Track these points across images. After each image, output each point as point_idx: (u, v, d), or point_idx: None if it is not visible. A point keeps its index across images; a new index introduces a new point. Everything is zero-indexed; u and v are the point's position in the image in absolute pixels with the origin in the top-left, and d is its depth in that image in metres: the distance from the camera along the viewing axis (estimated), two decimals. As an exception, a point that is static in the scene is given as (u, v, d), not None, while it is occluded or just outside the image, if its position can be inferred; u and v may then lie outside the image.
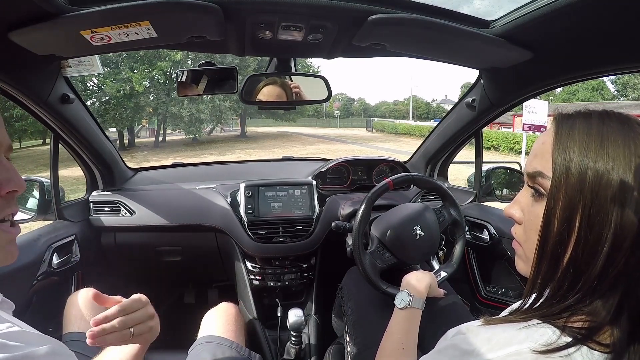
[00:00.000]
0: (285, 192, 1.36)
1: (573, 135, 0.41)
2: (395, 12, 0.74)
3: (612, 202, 0.38)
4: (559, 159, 0.41)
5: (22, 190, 0.49)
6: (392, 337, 0.80)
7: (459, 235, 1.11)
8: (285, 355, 1.20)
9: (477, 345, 0.42)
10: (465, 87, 2.72)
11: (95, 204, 1.37)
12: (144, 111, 17.03)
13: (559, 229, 0.40)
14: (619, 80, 33.67)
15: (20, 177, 0.49)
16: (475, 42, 0.82)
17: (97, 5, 0.66)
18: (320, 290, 1.44)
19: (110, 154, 1.38)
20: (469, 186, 1.63)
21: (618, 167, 0.38)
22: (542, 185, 0.43)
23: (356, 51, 0.94)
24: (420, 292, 0.85)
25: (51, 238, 1.13)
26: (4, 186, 0.47)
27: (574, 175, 0.40)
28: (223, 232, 1.35)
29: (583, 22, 0.68)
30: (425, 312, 0.85)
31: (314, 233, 1.34)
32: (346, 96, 70.52)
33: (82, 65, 1.02)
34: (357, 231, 0.99)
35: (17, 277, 0.99)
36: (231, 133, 26.74)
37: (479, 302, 1.40)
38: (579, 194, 0.39)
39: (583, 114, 0.43)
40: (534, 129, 7.42)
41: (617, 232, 0.38)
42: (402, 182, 1.07)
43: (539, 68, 0.90)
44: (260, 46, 0.92)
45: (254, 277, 1.36)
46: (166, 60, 15.07)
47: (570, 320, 0.40)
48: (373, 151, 14.11)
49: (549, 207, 0.41)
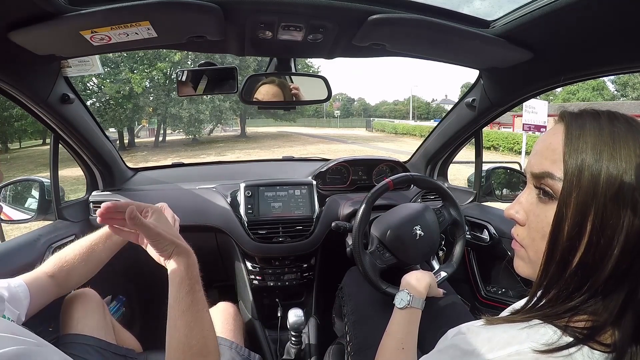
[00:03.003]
0: (285, 192, 1.36)
1: (584, 136, 0.40)
2: (395, 12, 0.74)
3: (624, 206, 0.37)
4: (571, 160, 0.39)
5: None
6: (392, 337, 0.80)
7: (459, 235, 1.11)
8: (285, 355, 1.20)
9: (477, 345, 0.42)
10: (465, 87, 2.72)
11: (95, 204, 1.37)
12: (144, 111, 17.03)
13: (570, 233, 0.39)
14: (619, 80, 33.66)
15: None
16: (475, 42, 0.82)
17: (97, 5, 0.66)
18: (320, 290, 1.44)
19: (110, 154, 1.38)
20: (469, 186, 1.63)
21: (630, 169, 0.37)
22: (551, 186, 0.42)
23: (356, 51, 0.94)
24: (419, 292, 0.85)
25: (51, 238, 1.13)
26: None
27: (587, 177, 0.38)
28: (223, 232, 1.35)
29: (583, 22, 0.68)
30: (425, 312, 0.85)
31: (314, 233, 1.34)
32: (346, 96, 70.54)
33: (82, 65, 1.02)
34: (357, 231, 0.99)
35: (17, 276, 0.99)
36: (231, 133, 26.74)
37: (479, 302, 1.39)
38: (592, 197, 0.38)
39: (591, 114, 0.42)
40: (534, 129, 7.42)
41: (628, 236, 0.37)
42: (402, 182, 1.07)
43: (539, 68, 0.90)
44: (260, 46, 0.92)
45: (254, 277, 1.36)
46: (166, 61, 15.08)
47: (572, 320, 0.40)
48: (373, 151, 14.11)
49: (560, 210, 0.40)
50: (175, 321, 0.56)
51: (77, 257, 0.83)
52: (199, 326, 0.57)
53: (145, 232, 0.57)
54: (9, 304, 0.69)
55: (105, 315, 0.91)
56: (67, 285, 0.84)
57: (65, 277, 0.82)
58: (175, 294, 0.57)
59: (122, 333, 0.98)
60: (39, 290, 0.77)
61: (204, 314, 0.59)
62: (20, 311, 0.72)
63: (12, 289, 0.73)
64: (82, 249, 0.84)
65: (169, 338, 0.56)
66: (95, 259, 0.85)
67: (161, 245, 0.58)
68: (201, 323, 0.57)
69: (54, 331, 0.89)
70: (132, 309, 1.51)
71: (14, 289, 0.73)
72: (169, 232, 0.60)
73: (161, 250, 0.59)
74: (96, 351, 0.81)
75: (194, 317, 0.57)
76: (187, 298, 0.57)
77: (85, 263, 0.83)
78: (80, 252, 0.83)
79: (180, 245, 0.60)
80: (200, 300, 0.59)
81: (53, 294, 0.82)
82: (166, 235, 0.58)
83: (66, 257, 0.83)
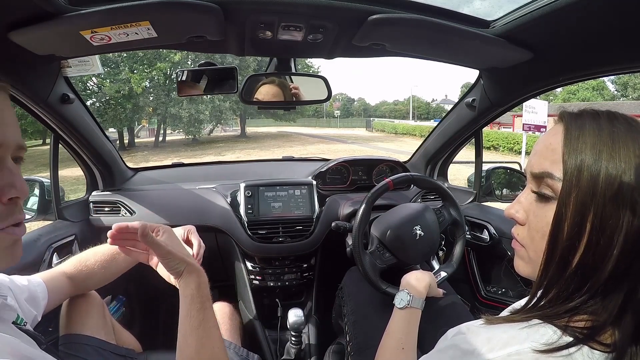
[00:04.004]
0: (285, 192, 1.36)
1: (584, 136, 0.40)
2: (395, 12, 0.74)
3: (624, 206, 0.37)
4: (570, 160, 0.40)
5: (24, 196, 0.46)
6: (392, 337, 0.80)
7: (459, 235, 1.11)
8: (285, 355, 1.20)
9: (477, 345, 0.42)
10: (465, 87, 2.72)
11: (95, 204, 1.37)
12: (144, 111, 17.03)
13: (570, 233, 0.39)
14: (619, 80, 33.68)
15: (24, 183, 0.46)
16: (475, 42, 0.82)
17: (97, 5, 0.66)
18: (320, 290, 1.43)
19: (110, 154, 1.38)
20: (469, 186, 1.63)
21: (629, 169, 0.37)
22: (551, 186, 0.42)
23: (356, 51, 0.94)
24: (419, 292, 0.85)
25: (51, 238, 1.13)
26: (5, 192, 0.44)
27: (586, 177, 0.38)
28: (223, 232, 1.35)
29: (583, 22, 0.68)
30: (425, 312, 0.85)
31: (314, 233, 1.34)
32: (346, 96, 70.56)
33: (82, 65, 1.02)
34: (357, 231, 0.99)
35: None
36: (231, 133, 26.74)
37: (479, 302, 1.40)
38: (591, 197, 0.38)
39: (591, 114, 0.42)
40: (534, 129, 7.43)
41: (627, 236, 0.37)
42: (402, 182, 1.07)
43: (539, 68, 0.90)
44: (260, 46, 0.92)
45: (254, 277, 1.36)
46: (166, 61, 15.07)
47: (571, 320, 0.40)
48: (373, 151, 14.11)
49: (559, 211, 0.40)
50: (186, 338, 0.57)
51: (97, 264, 0.82)
52: (210, 343, 0.57)
53: (157, 250, 0.58)
54: (27, 303, 0.68)
55: (105, 315, 0.91)
56: (82, 288, 0.83)
57: (83, 280, 0.81)
58: (187, 312, 0.58)
59: (122, 333, 0.98)
60: (55, 289, 0.77)
61: (214, 331, 0.59)
62: (38, 312, 0.71)
63: (32, 287, 0.72)
64: (104, 255, 0.83)
65: (179, 354, 0.57)
66: (115, 267, 0.84)
67: (172, 263, 0.59)
68: (212, 340, 0.58)
69: (54, 331, 0.89)
70: (132, 309, 1.51)
71: (34, 287, 0.72)
72: (180, 251, 0.60)
73: (172, 268, 0.59)
74: (96, 351, 0.80)
75: (205, 333, 0.57)
76: (199, 315, 0.58)
77: (105, 270, 0.83)
78: (102, 259, 0.83)
79: (192, 264, 0.60)
80: (211, 318, 0.59)
81: (68, 295, 0.81)
82: (177, 253, 0.59)
83: (87, 261, 0.82)
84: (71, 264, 0.82)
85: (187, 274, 0.59)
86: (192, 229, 0.76)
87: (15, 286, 0.67)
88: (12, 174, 0.45)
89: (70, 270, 0.81)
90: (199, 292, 0.59)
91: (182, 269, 0.59)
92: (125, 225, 0.61)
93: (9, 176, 0.45)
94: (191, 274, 0.59)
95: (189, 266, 0.60)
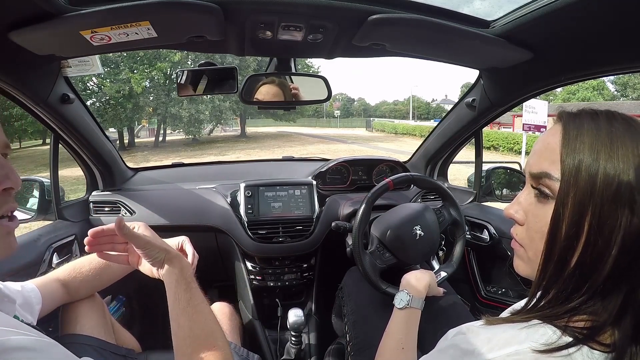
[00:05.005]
0: (285, 192, 1.36)
1: (582, 136, 0.40)
2: (395, 12, 0.74)
3: (622, 206, 0.37)
4: (568, 160, 0.40)
5: (17, 187, 0.50)
6: (392, 337, 0.80)
7: (459, 235, 1.11)
8: (285, 355, 1.20)
9: (477, 345, 0.42)
10: (465, 87, 2.72)
11: (95, 204, 1.37)
12: (144, 111, 17.03)
13: (568, 233, 0.39)
14: (619, 80, 33.66)
15: (17, 175, 0.50)
16: (475, 42, 0.82)
17: (97, 5, 0.66)
18: (320, 290, 1.43)
19: (110, 154, 1.38)
20: (469, 186, 1.63)
21: (628, 169, 0.37)
22: (549, 186, 0.42)
23: (356, 51, 0.94)
24: (419, 291, 0.85)
25: (51, 238, 1.13)
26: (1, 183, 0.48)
27: (584, 177, 0.38)
28: (223, 232, 1.35)
29: (583, 22, 0.68)
30: (425, 312, 0.85)
31: (314, 233, 1.34)
32: (346, 96, 70.56)
33: (82, 65, 1.02)
34: (357, 231, 0.99)
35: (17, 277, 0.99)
36: (231, 133, 26.73)
37: (479, 302, 1.40)
38: (589, 197, 0.38)
39: (590, 114, 0.42)
40: (534, 129, 7.43)
41: (625, 236, 0.37)
42: (402, 182, 1.07)
43: (539, 68, 0.90)
44: (260, 46, 0.92)
45: (253, 277, 1.36)
46: (166, 61, 15.07)
47: (571, 321, 0.40)
48: (373, 151, 14.11)
49: (557, 210, 0.40)
50: (178, 321, 0.58)
51: (92, 271, 0.82)
52: (201, 317, 0.58)
53: (136, 242, 0.59)
54: (21, 308, 0.69)
55: (105, 315, 0.91)
56: (76, 295, 0.84)
57: (77, 287, 0.82)
58: (174, 296, 0.59)
59: (122, 333, 0.98)
60: (48, 295, 0.77)
61: (203, 306, 0.60)
62: (33, 317, 0.71)
63: (25, 293, 0.72)
64: (99, 263, 0.83)
65: (175, 339, 0.57)
66: (109, 275, 0.85)
67: (152, 252, 0.60)
68: (202, 314, 0.59)
69: (54, 331, 0.89)
70: (132, 309, 1.51)
71: (27, 293, 0.73)
72: (157, 240, 0.62)
73: (153, 258, 0.61)
74: (96, 351, 0.80)
75: (194, 309, 0.58)
76: (186, 295, 0.59)
77: (99, 277, 0.83)
78: (96, 267, 0.83)
79: (171, 252, 0.62)
80: (198, 295, 0.61)
81: (62, 301, 0.81)
82: (155, 242, 0.61)
83: (81, 268, 0.82)
84: (65, 271, 0.82)
85: (168, 261, 0.61)
86: (186, 240, 0.77)
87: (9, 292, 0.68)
88: (4, 167, 0.49)
89: (64, 276, 0.81)
90: (182, 275, 0.60)
91: (162, 257, 0.61)
92: (100, 229, 0.63)
93: (2, 169, 0.49)
94: (172, 260, 0.61)
95: (169, 253, 0.61)
